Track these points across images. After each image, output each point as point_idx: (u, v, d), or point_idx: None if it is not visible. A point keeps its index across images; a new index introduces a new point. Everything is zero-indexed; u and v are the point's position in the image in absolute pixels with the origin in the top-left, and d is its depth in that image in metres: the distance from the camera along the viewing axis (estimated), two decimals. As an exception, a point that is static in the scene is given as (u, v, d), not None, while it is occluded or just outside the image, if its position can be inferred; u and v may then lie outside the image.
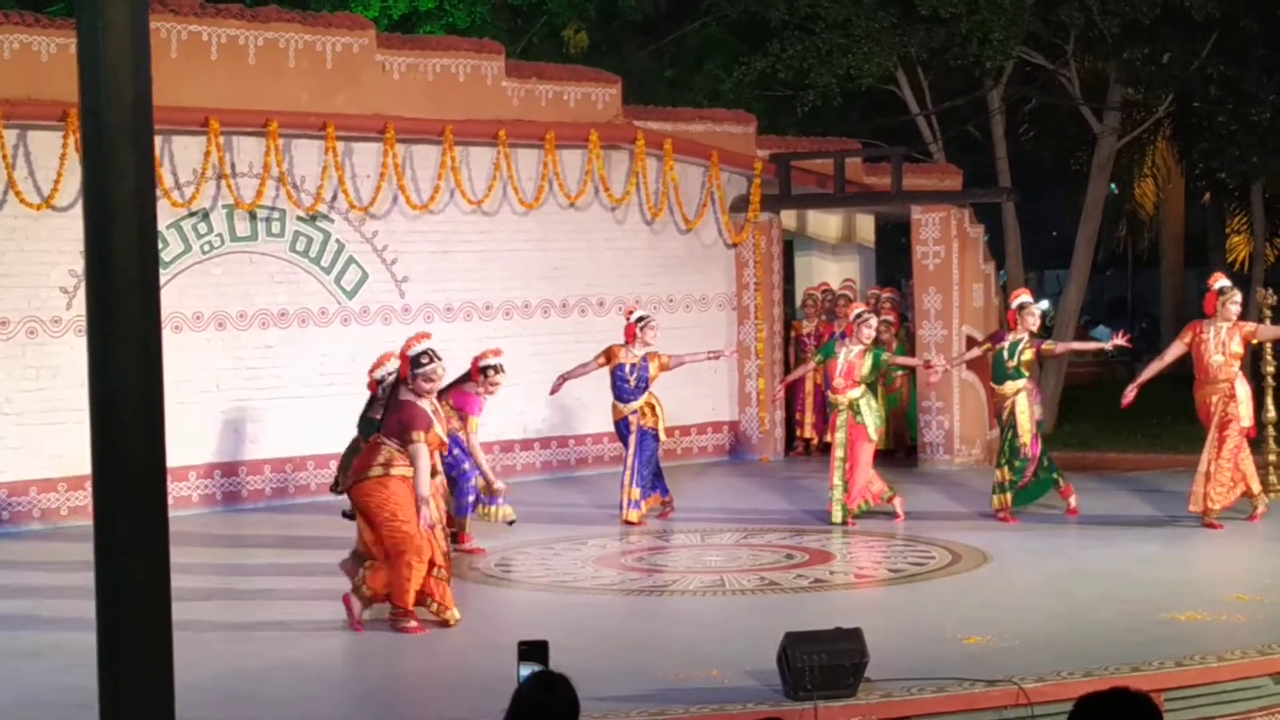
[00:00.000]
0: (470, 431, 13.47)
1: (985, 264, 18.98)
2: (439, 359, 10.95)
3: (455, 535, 13.43)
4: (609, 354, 15.05)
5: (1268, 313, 15.55)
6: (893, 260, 28.27)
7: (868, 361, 14.61)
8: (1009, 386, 14.55)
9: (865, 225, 21.83)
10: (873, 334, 14.83)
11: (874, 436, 14.75)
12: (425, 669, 9.77)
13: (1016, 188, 20.68)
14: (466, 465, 13.56)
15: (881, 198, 19.85)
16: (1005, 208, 21.09)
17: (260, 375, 16.35)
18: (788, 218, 20.59)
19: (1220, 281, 14.20)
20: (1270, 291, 15.93)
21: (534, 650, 4.65)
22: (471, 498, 13.64)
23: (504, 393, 16.97)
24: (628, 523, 14.79)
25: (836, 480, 14.52)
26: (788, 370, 19.82)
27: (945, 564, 12.72)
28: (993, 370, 14.70)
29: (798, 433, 19.97)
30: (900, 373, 19.06)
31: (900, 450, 19.20)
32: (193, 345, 15.92)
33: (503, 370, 13.68)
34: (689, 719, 8.44)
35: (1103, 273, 39.55)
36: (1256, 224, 23.59)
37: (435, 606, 10.87)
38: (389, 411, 10.96)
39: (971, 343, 17.38)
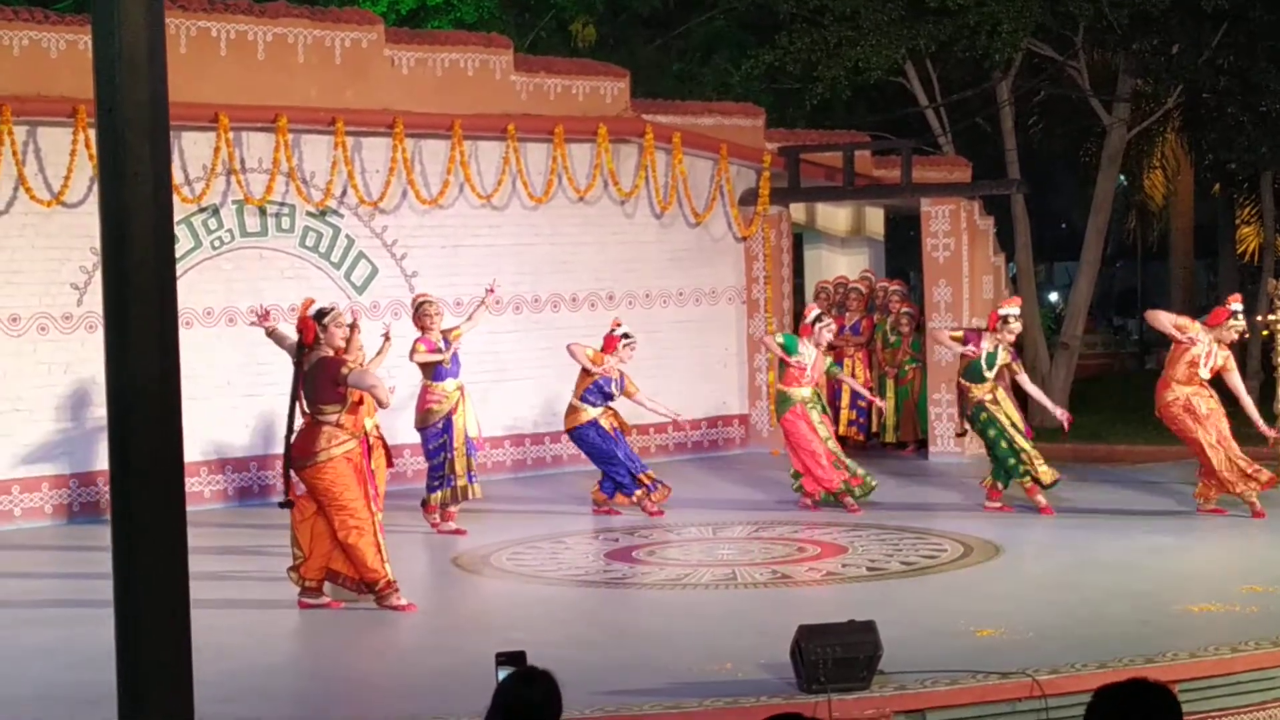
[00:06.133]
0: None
1: (995, 256, 18.96)
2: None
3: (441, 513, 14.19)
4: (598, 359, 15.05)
5: (1279, 303, 15.53)
6: (902, 253, 28.26)
7: None
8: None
9: (874, 218, 21.81)
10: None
11: None
12: (439, 664, 9.77)
13: (1026, 180, 20.66)
14: (440, 457, 14.14)
15: (891, 190, 19.83)
16: (1015, 200, 21.07)
17: (271, 370, 16.32)
18: (797, 211, 20.58)
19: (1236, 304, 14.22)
20: (1281, 283, 15.91)
21: (511, 661, 4.67)
22: (437, 481, 14.23)
23: (515, 387, 17.04)
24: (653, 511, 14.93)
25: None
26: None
27: (957, 556, 12.71)
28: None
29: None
30: (913, 365, 19.06)
31: (913, 443, 19.18)
32: (203, 341, 15.92)
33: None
34: (702, 713, 8.43)
35: (1113, 265, 39.50)
36: (1266, 215, 23.55)
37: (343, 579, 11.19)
38: (314, 380, 11.14)
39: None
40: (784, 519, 14.61)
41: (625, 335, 15.10)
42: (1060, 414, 14.66)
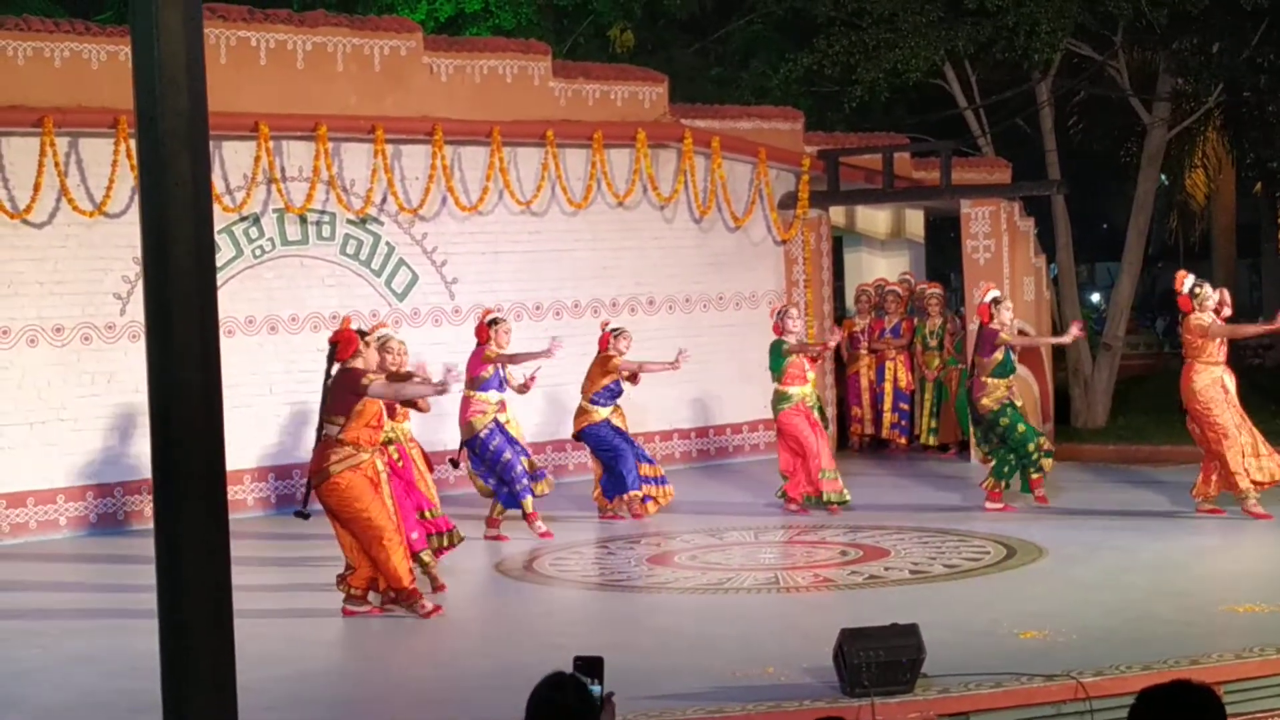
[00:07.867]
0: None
1: (1036, 257, 18.90)
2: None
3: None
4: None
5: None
6: (942, 255, 28.19)
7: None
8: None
9: (914, 220, 21.77)
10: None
11: None
12: (483, 670, 9.79)
13: (1066, 180, 20.58)
14: (508, 454, 13.99)
15: (930, 192, 19.79)
16: (1055, 200, 21.00)
17: (313, 378, 16.34)
18: (836, 214, 20.55)
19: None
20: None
21: (588, 666, 4.58)
22: (525, 481, 14.07)
23: (556, 393, 17.04)
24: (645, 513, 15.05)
25: None
26: (840, 367, 19.78)
27: (1000, 559, 12.67)
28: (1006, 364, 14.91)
29: (855, 428, 19.92)
30: (955, 366, 18.99)
31: (953, 445, 19.13)
32: (245, 349, 15.99)
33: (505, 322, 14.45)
34: (744, 717, 8.43)
35: (1154, 265, 39.35)
36: (1309, 213, 23.39)
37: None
38: (332, 390, 11.24)
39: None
40: (826, 523, 14.59)
41: (614, 332, 15.26)
42: (1074, 328, 15.87)
